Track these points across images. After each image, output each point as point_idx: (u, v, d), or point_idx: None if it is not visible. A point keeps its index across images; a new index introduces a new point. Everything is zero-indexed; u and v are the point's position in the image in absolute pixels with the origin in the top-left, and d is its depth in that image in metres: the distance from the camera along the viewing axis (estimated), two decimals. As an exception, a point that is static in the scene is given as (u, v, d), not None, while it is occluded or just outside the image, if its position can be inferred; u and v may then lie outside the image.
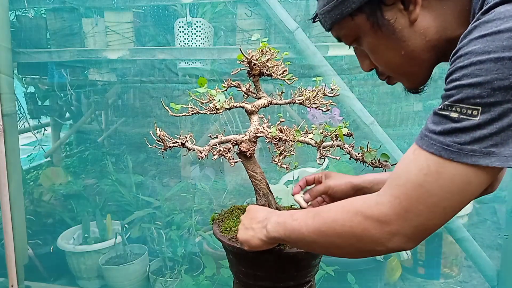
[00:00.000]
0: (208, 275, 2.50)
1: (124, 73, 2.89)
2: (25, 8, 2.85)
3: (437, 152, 0.64)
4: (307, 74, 2.36)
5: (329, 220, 0.77)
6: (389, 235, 0.69)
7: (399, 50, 0.80)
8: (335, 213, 0.77)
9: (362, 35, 0.82)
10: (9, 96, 2.45)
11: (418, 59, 0.80)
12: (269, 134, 1.05)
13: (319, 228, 0.78)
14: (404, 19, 0.76)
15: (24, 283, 2.57)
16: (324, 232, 0.77)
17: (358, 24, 0.80)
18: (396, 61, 0.82)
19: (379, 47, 0.82)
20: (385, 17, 0.77)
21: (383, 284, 2.61)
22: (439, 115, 0.65)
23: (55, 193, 3.15)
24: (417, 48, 0.78)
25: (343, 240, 0.75)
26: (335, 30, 0.86)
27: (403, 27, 0.77)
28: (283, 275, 1.02)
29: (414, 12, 0.75)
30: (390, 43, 0.79)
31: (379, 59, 0.85)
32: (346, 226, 0.74)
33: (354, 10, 0.78)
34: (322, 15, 0.84)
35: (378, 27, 0.78)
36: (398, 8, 0.76)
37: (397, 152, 2.32)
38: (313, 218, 0.80)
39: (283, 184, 2.44)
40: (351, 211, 0.74)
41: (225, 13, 2.68)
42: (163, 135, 1.02)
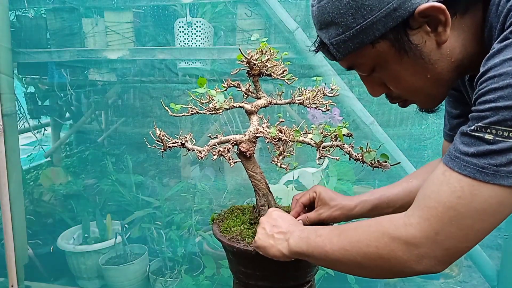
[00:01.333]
0: (208, 275, 2.50)
1: (124, 73, 2.89)
2: (25, 8, 2.85)
3: (471, 174, 0.63)
4: (307, 74, 2.36)
5: (354, 239, 0.75)
6: (418, 257, 0.68)
7: (425, 73, 0.75)
8: (361, 233, 0.75)
9: (382, 62, 0.77)
10: (9, 96, 2.45)
11: (443, 81, 0.77)
12: (269, 134, 1.05)
13: (343, 247, 0.76)
14: (431, 42, 0.72)
15: (24, 283, 2.57)
16: (348, 252, 0.76)
17: (379, 52, 0.74)
18: (420, 84, 0.77)
19: (403, 73, 0.77)
20: (412, 41, 0.72)
21: (383, 284, 2.61)
22: (472, 136, 0.63)
23: (55, 193, 3.15)
24: (443, 70, 0.75)
25: (368, 261, 0.74)
26: (349, 59, 0.79)
27: (430, 50, 0.73)
28: (283, 275, 1.02)
29: (444, 34, 0.71)
30: (416, 67, 0.75)
31: (401, 85, 0.79)
32: (372, 246, 0.72)
33: (377, 38, 0.72)
34: (335, 46, 0.76)
35: (405, 53, 0.73)
36: (425, 30, 0.71)
37: (397, 152, 2.32)
38: (338, 236, 0.78)
39: (283, 184, 2.44)
40: (378, 232, 0.72)
41: (225, 13, 2.68)
42: (162, 135, 1.02)
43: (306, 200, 1.10)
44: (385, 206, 1.04)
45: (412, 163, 2.36)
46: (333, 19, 0.74)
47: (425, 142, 2.55)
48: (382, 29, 0.71)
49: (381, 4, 0.69)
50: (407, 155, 2.39)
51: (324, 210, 1.05)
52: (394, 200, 1.04)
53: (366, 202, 1.05)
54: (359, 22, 0.71)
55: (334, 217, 1.04)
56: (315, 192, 1.08)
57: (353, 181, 2.49)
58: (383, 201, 1.04)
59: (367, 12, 0.70)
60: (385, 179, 2.51)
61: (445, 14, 0.69)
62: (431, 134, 2.52)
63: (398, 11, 0.69)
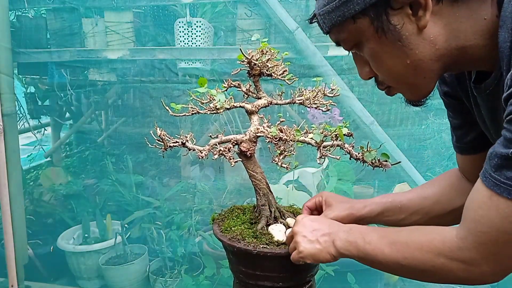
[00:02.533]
0: (208, 275, 2.50)
1: (124, 73, 2.89)
2: (25, 8, 2.85)
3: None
4: (307, 74, 2.36)
5: (408, 256, 0.77)
6: (480, 275, 0.71)
7: (404, 58, 0.74)
8: (414, 250, 0.77)
9: (363, 40, 0.77)
10: (9, 96, 2.45)
11: (425, 69, 0.75)
12: (269, 134, 1.05)
13: (398, 261, 0.79)
14: (412, 25, 0.71)
15: (24, 283, 2.57)
16: (404, 266, 0.78)
17: (360, 28, 0.75)
18: (400, 70, 0.77)
19: (382, 54, 0.76)
20: (391, 21, 0.71)
21: (383, 284, 2.61)
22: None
23: (55, 193, 3.15)
24: (425, 57, 0.74)
25: (425, 276, 0.78)
26: (334, 33, 0.80)
27: (410, 34, 0.72)
28: (283, 275, 1.02)
29: (424, 18, 0.70)
30: (394, 50, 0.74)
31: (381, 67, 0.79)
32: (428, 265, 0.75)
33: (357, 12, 0.72)
34: (321, 16, 0.78)
35: (382, 33, 0.73)
36: (406, 13, 0.71)
37: (397, 152, 2.32)
38: (389, 247, 0.80)
39: (283, 184, 2.44)
40: (432, 252, 0.74)
41: (225, 13, 2.68)
42: (163, 135, 1.02)
43: (312, 204, 1.11)
44: (397, 210, 1.04)
45: (412, 163, 2.36)
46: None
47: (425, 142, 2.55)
48: (362, 3, 0.71)
49: None
50: (407, 155, 2.39)
51: (331, 212, 1.05)
52: (407, 205, 1.04)
53: (377, 205, 1.05)
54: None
55: (342, 217, 1.03)
56: (321, 197, 1.09)
57: (353, 181, 2.49)
58: (395, 206, 1.04)
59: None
60: (385, 179, 2.52)
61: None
62: (431, 134, 2.52)
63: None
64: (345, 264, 2.40)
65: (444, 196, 1.03)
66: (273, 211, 1.12)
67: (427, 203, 1.03)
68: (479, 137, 0.92)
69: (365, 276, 2.42)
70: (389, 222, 1.03)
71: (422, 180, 2.33)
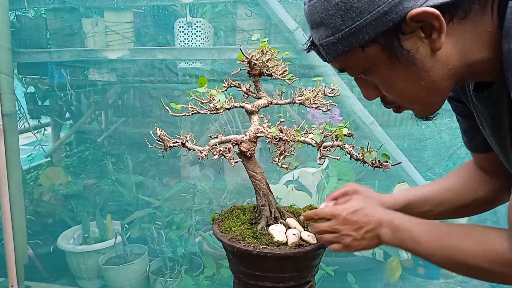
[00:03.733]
0: (208, 275, 2.49)
1: (124, 73, 2.89)
2: (25, 8, 2.85)
3: None
4: (307, 74, 2.36)
5: (462, 262, 0.80)
6: None
7: (418, 81, 0.72)
8: (465, 253, 0.80)
9: (373, 66, 0.73)
10: (9, 96, 2.45)
11: (438, 89, 0.74)
12: (270, 134, 1.05)
13: (449, 263, 0.83)
14: (425, 48, 0.69)
15: (24, 283, 2.57)
16: (456, 268, 0.84)
17: (369, 55, 0.71)
18: (414, 92, 0.74)
19: (394, 78, 0.74)
20: (404, 47, 0.68)
21: (383, 284, 2.61)
22: None
23: (55, 193, 3.14)
24: (438, 77, 0.72)
25: (477, 276, 0.82)
26: (339, 61, 0.77)
27: (424, 57, 0.69)
28: (283, 275, 1.01)
29: (439, 41, 0.67)
30: (408, 74, 0.72)
31: (393, 90, 0.77)
32: (480, 268, 0.78)
33: (367, 41, 0.69)
34: (324, 47, 0.74)
35: (395, 58, 0.70)
36: (418, 36, 0.68)
37: (397, 152, 2.32)
38: (440, 251, 0.83)
39: (283, 184, 2.44)
40: (484, 257, 0.77)
41: (225, 13, 2.68)
42: (163, 135, 1.02)
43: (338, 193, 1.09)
44: (422, 202, 1.06)
45: (412, 163, 2.36)
46: (322, 20, 0.71)
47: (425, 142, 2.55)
48: (372, 33, 0.68)
49: (371, 7, 0.66)
50: (407, 155, 2.39)
51: (361, 200, 1.04)
52: (432, 196, 1.06)
53: (401, 198, 1.07)
54: (348, 24, 0.68)
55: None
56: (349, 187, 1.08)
57: (353, 181, 2.49)
58: (420, 198, 1.06)
59: (356, 15, 0.67)
60: (385, 179, 2.51)
61: (439, 20, 0.65)
62: (431, 134, 2.52)
63: (389, 15, 0.66)
64: (345, 264, 2.40)
65: (466, 187, 1.05)
66: (273, 211, 1.12)
67: (450, 194, 1.05)
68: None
69: (365, 276, 2.42)
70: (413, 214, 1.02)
71: (422, 180, 2.33)
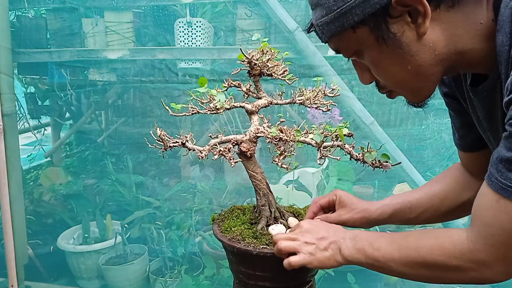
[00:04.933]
0: (208, 275, 2.50)
1: (124, 73, 2.89)
2: (25, 8, 2.84)
3: None
4: (307, 74, 2.36)
5: (420, 260, 0.79)
6: (493, 275, 0.73)
7: (405, 64, 0.75)
8: (425, 254, 0.78)
9: (364, 48, 0.77)
10: (9, 96, 2.45)
11: (425, 74, 0.76)
12: (270, 134, 1.05)
13: (410, 265, 0.81)
14: (412, 32, 0.72)
15: (24, 283, 2.57)
16: (417, 270, 0.81)
17: (360, 37, 0.75)
18: (402, 76, 0.78)
19: (383, 61, 0.77)
20: (391, 30, 0.72)
21: (383, 284, 2.61)
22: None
23: (55, 193, 3.14)
24: (425, 62, 0.74)
25: (438, 278, 0.79)
26: (334, 42, 0.81)
27: (410, 41, 0.73)
28: (283, 275, 1.01)
29: (423, 26, 0.71)
30: (395, 57, 0.75)
31: (383, 73, 0.80)
32: (441, 267, 0.77)
33: (356, 22, 0.73)
34: (320, 27, 0.78)
35: (383, 41, 0.73)
36: (405, 20, 0.71)
37: (397, 152, 2.31)
38: (399, 252, 0.82)
39: (283, 184, 2.44)
40: (444, 255, 0.76)
41: (225, 13, 2.68)
42: (163, 135, 1.02)
43: (325, 202, 1.11)
44: (407, 211, 1.06)
45: (412, 163, 2.36)
46: (318, 1, 0.76)
47: (425, 142, 2.55)
48: (361, 14, 0.71)
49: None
50: (407, 155, 2.39)
51: (345, 212, 1.06)
52: (416, 204, 1.06)
53: (387, 206, 1.06)
54: (339, 5, 0.73)
55: (355, 220, 1.05)
56: (336, 195, 1.09)
57: (353, 181, 2.49)
58: (405, 206, 1.06)
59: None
60: (385, 179, 2.51)
61: (423, 4, 0.68)
62: (431, 134, 2.52)
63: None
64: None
65: (451, 192, 1.05)
66: (273, 211, 1.12)
67: (436, 200, 1.05)
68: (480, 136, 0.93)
69: (365, 276, 2.42)
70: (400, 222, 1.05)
71: (422, 180, 2.33)
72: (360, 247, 0.87)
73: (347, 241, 0.89)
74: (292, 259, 0.91)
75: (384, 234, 0.88)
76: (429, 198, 1.05)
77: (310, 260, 0.90)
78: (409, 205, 1.06)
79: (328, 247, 0.90)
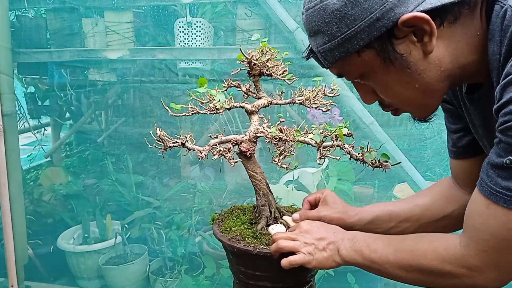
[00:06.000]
0: (208, 275, 2.50)
1: (124, 73, 2.89)
2: (25, 8, 2.84)
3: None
4: (307, 74, 2.36)
5: (414, 264, 0.80)
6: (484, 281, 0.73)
7: (413, 83, 0.75)
8: (420, 258, 0.79)
9: (369, 70, 0.77)
10: (9, 96, 2.45)
11: (433, 90, 0.76)
12: (269, 134, 1.05)
13: (404, 268, 0.81)
14: (418, 51, 0.72)
15: (24, 283, 2.57)
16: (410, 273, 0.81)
17: (365, 60, 0.75)
18: (409, 94, 0.77)
19: (390, 82, 0.77)
20: (397, 51, 0.71)
21: (383, 284, 2.61)
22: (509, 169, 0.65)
23: (55, 193, 3.14)
24: (432, 79, 0.74)
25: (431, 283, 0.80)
26: (337, 67, 0.80)
27: (417, 60, 0.72)
28: (283, 275, 1.01)
29: (430, 44, 0.70)
30: (403, 77, 0.74)
31: (390, 93, 0.80)
32: (434, 272, 0.78)
33: (362, 46, 0.72)
34: (322, 53, 0.77)
35: (390, 62, 0.73)
36: (410, 40, 0.71)
37: (397, 152, 2.31)
38: (394, 255, 0.82)
39: (283, 184, 2.44)
40: (437, 260, 0.77)
41: (225, 13, 2.68)
42: (163, 135, 1.02)
43: (312, 199, 1.13)
44: (386, 219, 1.06)
45: (412, 163, 2.36)
46: (319, 28, 0.74)
47: (425, 142, 2.55)
48: (366, 38, 0.71)
49: (364, 14, 0.69)
50: (407, 155, 2.39)
51: (324, 210, 1.08)
52: (396, 213, 1.05)
53: (367, 213, 1.06)
54: (343, 31, 0.71)
55: (332, 218, 1.05)
56: (322, 194, 1.11)
57: (353, 181, 2.49)
58: (385, 214, 1.06)
59: (351, 22, 0.70)
60: (385, 179, 2.51)
61: (429, 24, 0.68)
62: (431, 134, 2.52)
63: (381, 21, 0.69)
64: (345, 264, 2.40)
65: (434, 204, 1.05)
66: (273, 211, 1.12)
67: (417, 210, 1.05)
68: (474, 141, 0.94)
69: (365, 276, 2.42)
70: (379, 231, 1.04)
71: (422, 180, 2.33)
72: (358, 248, 0.87)
73: (345, 242, 0.90)
74: (292, 259, 0.92)
75: (382, 236, 0.89)
76: (410, 208, 1.05)
77: (309, 260, 0.91)
78: (389, 213, 1.06)
79: (327, 248, 0.91)
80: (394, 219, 1.05)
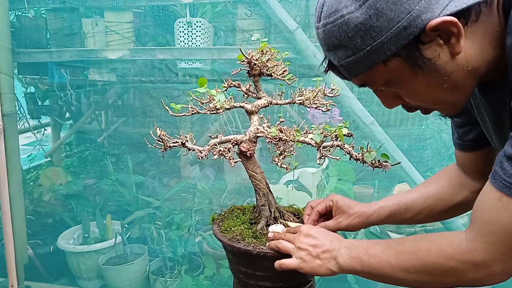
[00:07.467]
0: (208, 275, 2.50)
1: (124, 73, 2.89)
2: (25, 8, 2.85)
3: None
4: (307, 74, 2.36)
5: (417, 263, 0.79)
6: (489, 275, 0.73)
7: (441, 84, 0.74)
8: (422, 257, 0.78)
9: (395, 78, 0.75)
10: (9, 96, 2.45)
11: (461, 88, 0.76)
12: (269, 134, 1.05)
13: (407, 270, 0.80)
14: (446, 54, 0.71)
15: (24, 283, 2.57)
16: (414, 274, 0.80)
17: (392, 69, 0.73)
18: (439, 95, 0.77)
19: (418, 87, 0.76)
20: (425, 56, 0.70)
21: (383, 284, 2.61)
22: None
23: (55, 193, 3.15)
24: (460, 78, 0.74)
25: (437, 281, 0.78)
26: (361, 78, 0.78)
27: (445, 62, 0.71)
28: (283, 275, 1.01)
29: (458, 45, 0.69)
30: (431, 80, 0.74)
31: (418, 97, 0.79)
32: (439, 270, 0.77)
33: (388, 56, 0.71)
34: (345, 67, 0.75)
35: (418, 68, 0.72)
36: (437, 44, 0.70)
37: (397, 152, 2.31)
38: (396, 257, 0.81)
39: (283, 184, 2.44)
40: (442, 257, 0.76)
41: (225, 13, 2.68)
42: (163, 135, 1.02)
43: (323, 208, 1.11)
44: (403, 211, 1.07)
45: (412, 163, 2.36)
46: (341, 42, 0.72)
47: (425, 142, 2.55)
48: (393, 48, 0.69)
49: (390, 24, 0.68)
50: (407, 155, 2.39)
51: (343, 219, 1.08)
52: (412, 205, 1.07)
53: (383, 209, 1.08)
54: (368, 43, 0.70)
55: (353, 225, 1.07)
56: (332, 201, 1.10)
57: (353, 181, 2.49)
58: (401, 207, 1.07)
59: (377, 33, 0.69)
60: (385, 179, 2.51)
61: (457, 26, 0.67)
62: (431, 134, 2.52)
63: (408, 29, 0.68)
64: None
65: (445, 193, 1.06)
66: (273, 211, 1.12)
67: (430, 201, 1.06)
68: (480, 135, 0.93)
69: (365, 276, 2.42)
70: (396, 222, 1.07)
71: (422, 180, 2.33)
72: (356, 255, 0.87)
73: (342, 250, 0.90)
74: (282, 262, 0.94)
75: (380, 241, 0.89)
76: (424, 200, 1.07)
77: (301, 265, 0.92)
78: (405, 206, 1.07)
79: (320, 255, 0.91)
80: (410, 211, 1.07)
